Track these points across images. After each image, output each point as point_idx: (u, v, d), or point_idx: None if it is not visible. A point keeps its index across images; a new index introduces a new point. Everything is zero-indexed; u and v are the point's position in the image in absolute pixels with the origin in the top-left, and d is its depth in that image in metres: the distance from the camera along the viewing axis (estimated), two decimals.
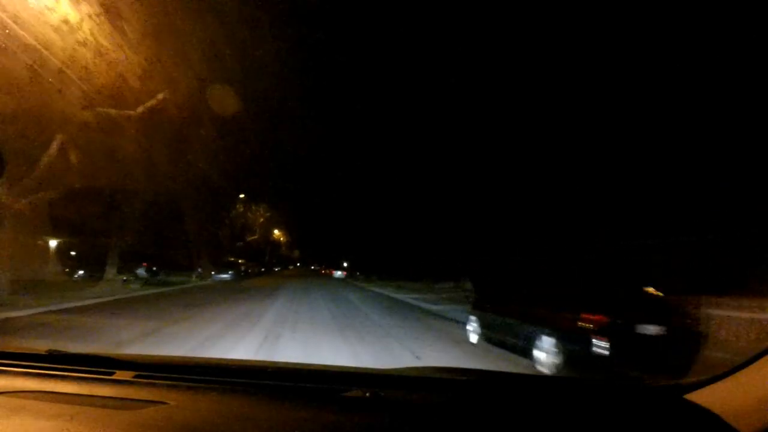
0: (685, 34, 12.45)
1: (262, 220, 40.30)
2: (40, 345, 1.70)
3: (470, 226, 30.61)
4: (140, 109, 12.30)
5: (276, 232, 64.89)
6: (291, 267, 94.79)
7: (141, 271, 21.02)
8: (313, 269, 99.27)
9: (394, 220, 45.92)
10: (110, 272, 17.22)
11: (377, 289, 23.35)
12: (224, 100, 14.17)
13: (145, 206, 17.16)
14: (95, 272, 19.09)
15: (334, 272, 40.35)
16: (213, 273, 25.71)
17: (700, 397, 0.99)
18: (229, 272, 25.99)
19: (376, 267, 44.33)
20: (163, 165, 15.11)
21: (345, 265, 54.75)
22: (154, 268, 21.51)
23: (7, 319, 8.43)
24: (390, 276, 38.87)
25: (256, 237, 40.23)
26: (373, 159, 53.52)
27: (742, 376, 0.95)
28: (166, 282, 21.12)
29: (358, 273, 44.70)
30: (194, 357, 2.58)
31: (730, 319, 6.40)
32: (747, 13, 10.89)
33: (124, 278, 17.44)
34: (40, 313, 9.50)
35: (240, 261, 30.98)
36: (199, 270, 27.73)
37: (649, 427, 1.00)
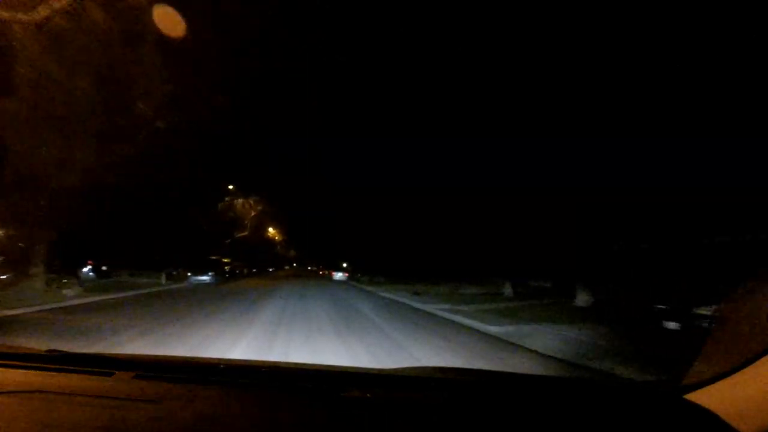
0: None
1: (253, 213, 35.68)
2: None
3: (502, 219, 26.18)
4: (44, 11, 7.76)
5: (270, 230, 60.47)
6: (287, 267, 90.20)
7: (87, 271, 16.34)
8: (310, 269, 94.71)
9: (398, 216, 41.56)
10: (36, 273, 12.61)
11: (390, 295, 18.85)
12: (175, 24, 9.60)
13: (85, 183, 12.58)
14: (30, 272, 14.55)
15: (335, 273, 35.78)
16: (189, 274, 21.12)
17: (700, 397, 0.98)
18: (209, 273, 21.37)
19: (379, 268, 39.89)
20: (101, 117, 10.54)
21: (344, 265, 50.31)
22: (104, 268, 16.84)
23: None
24: (398, 278, 34.35)
25: (246, 233, 35.61)
26: (374, 152, 49.53)
27: (742, 376, 0.93)
28: (121, 285, 16.51)
29: (359, 274, 40.15)
30: (194, 357, 2.25)
31: None
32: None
33: (48, 282, 12.76)
34: None
35: (225, 260, 26.40)
36: (175, 270, 23.14)
37: (649, 428, 0.99)
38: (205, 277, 21.14)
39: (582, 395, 1.25)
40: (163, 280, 19.49)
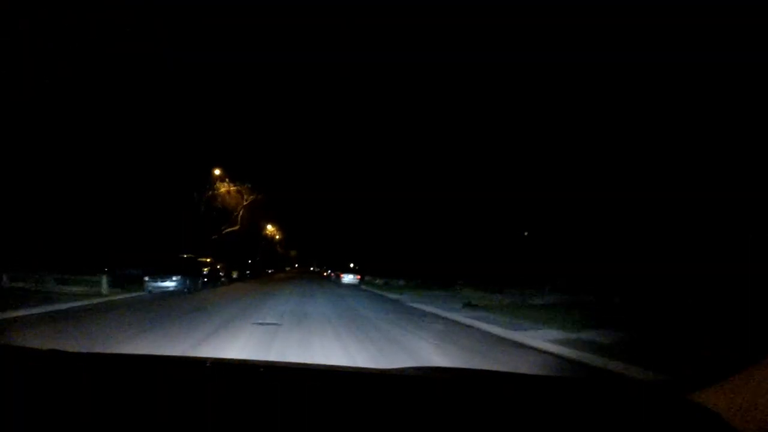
0: None
1: (245, 203, 29.60)
2: None
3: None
4: None
5: (269, 227, 54.63)
6: (288, 268, 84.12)
7: None
8: (312, 271, 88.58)
9: (415, 211, 35.65)
10: None
11: (433, 309, 12.84)
12: None
13: None
14: None
15: (344, 276, 29.78)
16: (147, 278, 15.14)
17: (703, 396, 0.97)
18: (174, 278, 15.34)
19: (392, 269, 33.84)
20: None
21: (352, 266, 44.50)
22: None
23: None
24: (418, 280, 28.33)
25: (236, 228, 29.58)
26: (387, 139, 44.26)
27: (745, 376, 0.93)
28: (17, 298, 10.54)
29: (370, 277, 34.06)
30: (194, 357, 2.22)
31: None
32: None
33: None
34: None
35: (205, 259, 20.48)
36: (135, 272, 17.22)
37: (651, 427, 0.97)
38: (168, 283, 15.11)
39: (583, 395, 1.24)
40: (105, 287, 13.51)
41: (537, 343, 7.10)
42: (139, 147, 19.97)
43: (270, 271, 52.74)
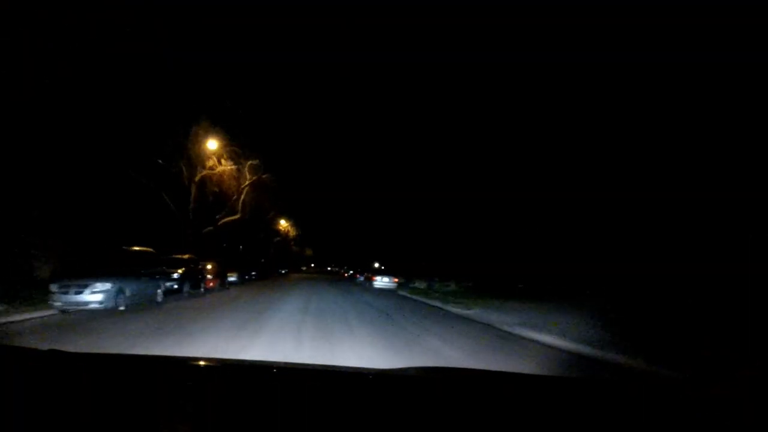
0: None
1: (248, 182, 23.00)
2: None
3: None
4: None
5: (282, 222, 48.33)
6: (304, 268, 78.03)
7: None
8: (330, 270, 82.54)
9: (452, 204, 28.85)
10: None
11: (586, 349, 6.00)
12: None
13: None
14: None
15: (376, 278, 23.06)
16: (55, 288, 8.57)
17: (705, 393, 0.98)
18: (99, 287, 8.71)
19: (430, 269, 27.02)
20: None
21: (376, 265, 37.95)
22: None
23: None
24: (481, 286, 21.36)
25: (237, 218, 23.09)
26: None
27: (746, 374, 0.89)
28: None
29: (402, 278, 26.95)
30: (195, 357, 2.15)
31: None
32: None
33: None
34: None
35: (181, 256, 14.05)
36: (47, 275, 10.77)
37: (653, 423, 0.95)
38: (90, 296, 8.53)
39: (584, 393, 1.23)
40: None
41: None
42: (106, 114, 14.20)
43: (283, 272, 46.53)
